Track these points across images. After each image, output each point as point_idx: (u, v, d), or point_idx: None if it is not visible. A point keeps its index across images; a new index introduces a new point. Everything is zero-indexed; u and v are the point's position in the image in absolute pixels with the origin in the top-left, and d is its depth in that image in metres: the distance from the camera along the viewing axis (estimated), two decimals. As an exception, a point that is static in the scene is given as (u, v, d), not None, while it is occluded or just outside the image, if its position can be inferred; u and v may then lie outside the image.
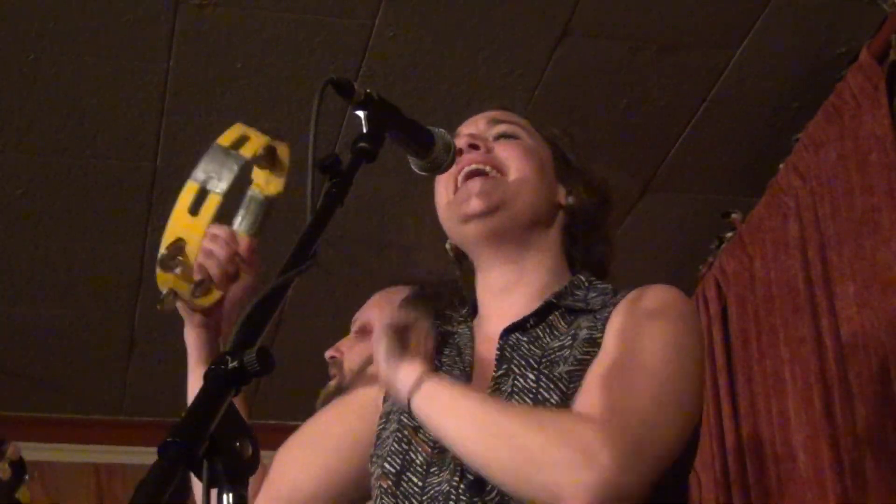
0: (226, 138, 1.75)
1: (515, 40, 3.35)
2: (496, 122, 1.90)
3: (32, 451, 4.85)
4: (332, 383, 2.56)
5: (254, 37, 3.29)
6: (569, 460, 1.47)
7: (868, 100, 3.26)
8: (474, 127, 1.91)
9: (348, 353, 2.66)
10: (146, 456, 3.75)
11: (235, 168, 1.72)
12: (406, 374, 1.64)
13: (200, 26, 3.24)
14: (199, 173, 1.73)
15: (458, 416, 1.58)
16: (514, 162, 1.83)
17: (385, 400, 1.82)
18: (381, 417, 1.80)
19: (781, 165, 3.68)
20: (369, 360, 1.99)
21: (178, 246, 1.69)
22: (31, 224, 3.89)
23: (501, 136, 1.87)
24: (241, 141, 1.76)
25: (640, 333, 1.64)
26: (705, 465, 3.86)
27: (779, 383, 3.55)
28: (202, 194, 1.71)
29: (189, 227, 1.69)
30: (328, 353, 2.72)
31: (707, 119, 3.65)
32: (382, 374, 1.67)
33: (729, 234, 3.97)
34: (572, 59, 3.42)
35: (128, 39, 3.26)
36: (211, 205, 1.70)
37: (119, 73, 3.37)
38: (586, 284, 1.80)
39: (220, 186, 1.71)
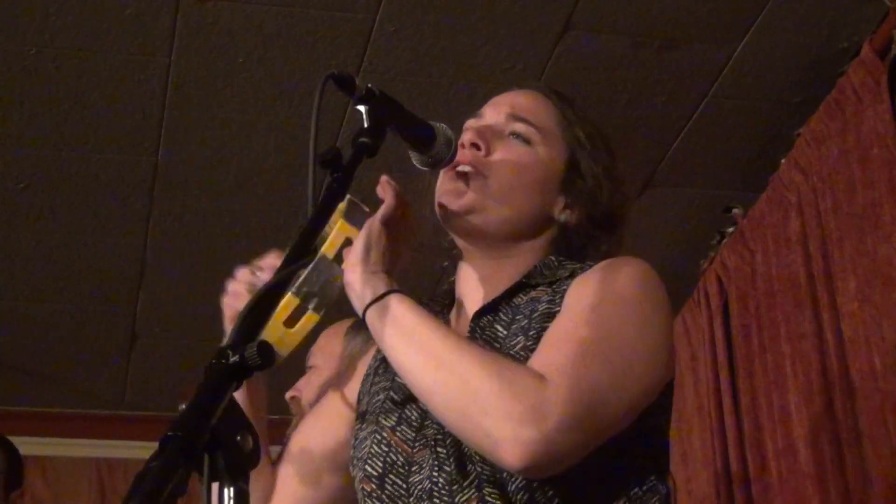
0: (332, 246, 1.67)
1: (517, 36, 3.35)
2: (516, 118, 1.83)
3: (34, 446, 4.87)
4: (295, 422, 2.56)
5: (255, 31, 3.29)
6: (517, 413, 1.48)
7: (870, 95, 3.26)
8: (494, 115, 1.85)
9: (305, 390, 2.69)
10: (148, 450, 3.77)
11: (339, 288, 1.67)
12: (373, 281, 1.64)
13: (202, 21, 3.24)
14: (304, 287, 1.64)
15: (413, 343, 1.59)
16: (503, 172, 1.78)
17: (360, 400, 1.82)
18: (357, 419, 1.79)
19: (783, 160, 3.68)
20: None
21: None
22: (33, 218, 3.89)
23: (514, 135, 1.82)
24: (344, 248, 1.68)
25: (596, 300, 1.63)
26: (706, 459, 3.86)
27: (780, 378, 3.55)
28: (301, 310, 1.64)
29: (282, 338, 1.64)
30: (288, 395, 2.76)
31: (708, 114, 3.65)
32: (349, 270, 1.65)
33: (730, 229, 3.97)
34: (574, 54, 3.42)
35: (129, 34, 3.26)
36: (308, 324, 1.65)
37: (121, 68, 3.37)
38: (556, 264, 1.78)
39: (320, 306, 1.65)
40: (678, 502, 3.95)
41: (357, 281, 1.64)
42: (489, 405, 1.50)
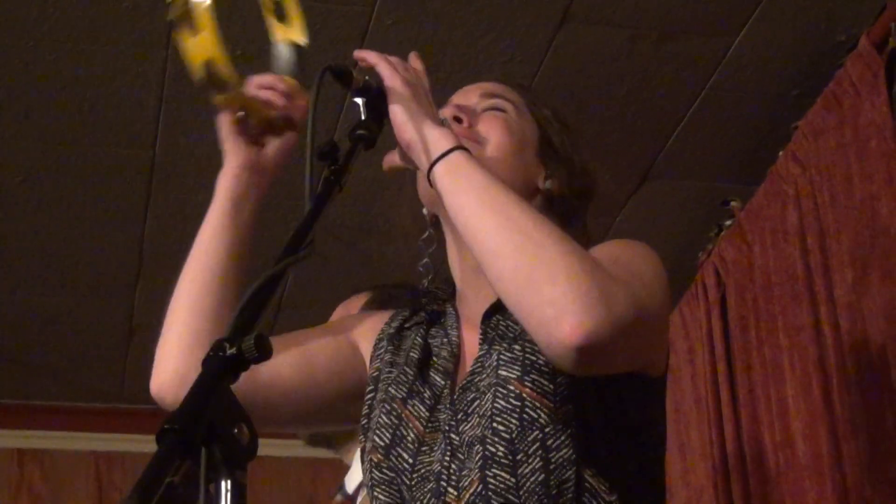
0: None
1: (515, 27, 3.35)
2: (488, 95, 1.89)
3: (32, 440, 4.87)
4: None
5: (252, 23, 3.28)
6: (587, 289, 1.44)
7: (867, 88, 3.26)
8: (465, 98, 1.90)
9: None
10: (145, 444, 3.77)
11: None
12: (439, 136, 1.61)
13: (199, 13, 3.24)
14: None
15: (484, 203, 1.54)
16: (494, 137, 1.81)
17: (371, 362, 1.81)
18: (369, 382, 1.79)
19: (781, 153, 3.67)
20: None
21: (210, 63, 1.68)
22: (30, 212, 3.89)
23: (489, 109, 1.86)
24: None
25: (611, 247, 1.67)
26: (704, 451, 3.87)
27: (777, 371, 3.55)
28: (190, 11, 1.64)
29: (201, 45, 1.66)
30: None
31: (706, 107, 3.65)
32: (407, 126, 1.62)
33: (728, 222, 3.96)
34: (572, 47, 3.42)
35: (127, 26, 3.26)
36: (204, 16, 1.65)
37: (118, 61, 3.36)
38: None
39: None
40: (676, 494, 3.96)
41: (423, 134, 1.61)
42: (561, 275, 1.45)
